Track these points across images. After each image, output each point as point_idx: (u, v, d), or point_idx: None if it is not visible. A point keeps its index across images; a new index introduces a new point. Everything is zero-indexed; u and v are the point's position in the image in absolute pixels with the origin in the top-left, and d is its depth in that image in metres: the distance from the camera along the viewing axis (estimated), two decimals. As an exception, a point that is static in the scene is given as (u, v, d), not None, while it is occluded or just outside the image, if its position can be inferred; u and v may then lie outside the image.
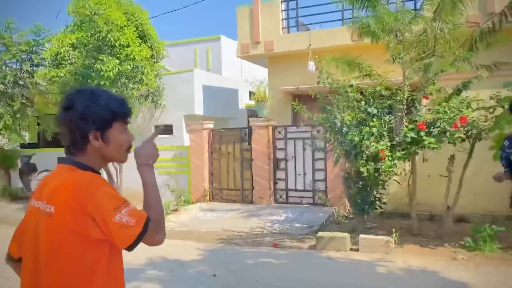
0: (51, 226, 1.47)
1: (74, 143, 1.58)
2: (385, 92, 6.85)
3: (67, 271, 1.45)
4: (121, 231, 1.43)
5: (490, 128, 6.30)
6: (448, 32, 6.97)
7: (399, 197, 8.49)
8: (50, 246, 1.47)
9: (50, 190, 1.51)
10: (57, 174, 1.58)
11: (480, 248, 6.19)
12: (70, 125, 1.56)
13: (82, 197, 1.44)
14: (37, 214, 1.54)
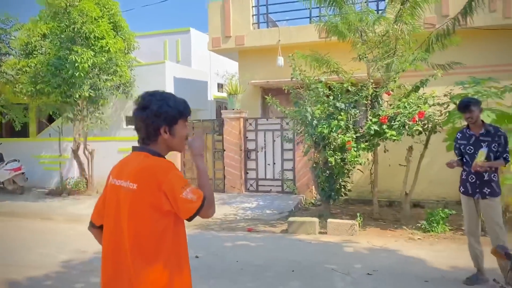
0: (133, 199, 1.87)
1: (149, 135, 1.98)
2: (352, 88, 7.42)
3: (144, 235, 1.86)
4: (186, 205, 1.85)
5: (444, 122, 7.01)
6: (407, 34, 7.62)
7: (362, 185, 9.18)
8: (132, 215, 1.87)
9: (132, 171, 1.91)
10: (135, 159, 1.98)
11: (433, 229, 6.92)
12: (147, 121, 1.95)
13: (159, 177, 1.85)
14: (118, 190, 1.94)
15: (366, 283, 4.74)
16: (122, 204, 1.91)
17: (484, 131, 4.48)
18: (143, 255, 1.85)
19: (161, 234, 1.87)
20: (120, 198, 1.92)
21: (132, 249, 1.86)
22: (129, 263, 1.86)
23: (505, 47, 9.42)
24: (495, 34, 9.30)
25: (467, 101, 4.48)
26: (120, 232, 1.90)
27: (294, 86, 7.88)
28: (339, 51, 8.27)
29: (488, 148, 4.37)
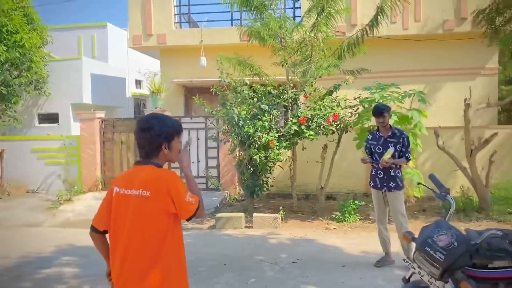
0: (146, 204, 2.22)
1: (152, 151, 2.34)
2: (274, 91, 7.95)
3: (152, 232, 2.23)
4: (187, 207, 2.25)
5: (354, 122, 7.82)
6: (322, 41, 8.34)
7: (282, 180, 9.81)
8: (144, 217, 2.23)
9: (143, 181, 2.25)
10: (142, 171, 2.30)
11: (346, 219, 7.71)
12: (151, 140, 2.32)
13: (168, 185, 2.22)
14: (128, 198, 2.26)
15: (293, 271, 5.26)
16: (133, 209, 2.25)
17: (391, 133, 5.20)
18: (151, 249, 2.23)
19: (164, 233, 2.26)
20: (130, 205, 2.26)
21: (143, 245, 2.24)
22: (139, 257, 2.23)
23: (404, 55, 10.66)
24: (396, 43, 10.47)
25: (381, 108, 5.11)
26: (132, 232, 2.24)
27: (220, 86, 8.18)
28: (261, 54, 8.74)
29: (394, 148, 5.09)
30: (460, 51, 10.40)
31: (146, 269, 2.21)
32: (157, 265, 2.23)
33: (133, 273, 2.23)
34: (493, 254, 2.78)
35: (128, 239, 2.24)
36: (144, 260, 2.22)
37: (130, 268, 2.23)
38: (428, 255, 2.79)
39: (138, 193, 2.24)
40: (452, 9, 10.08)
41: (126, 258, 2.24)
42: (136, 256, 2.23)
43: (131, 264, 2.23)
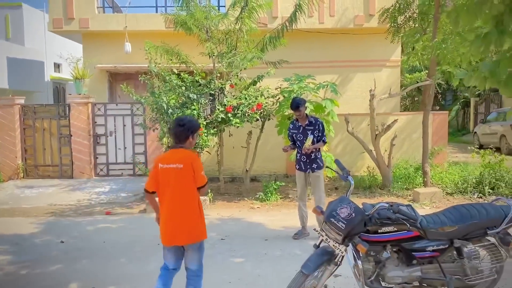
0: (181, 173, 3.59)
1: (183, 140, 3.69)
2: (202, 81, 8.35)
3: (188, 189, 3.62)
4: (201, 178, 3.65)
5: (276, 111, 8.50)
6: (246, 33, 8.86)
7: (209, 165, 10.27)
8: (181, 180, 3.59)
9: (178, 158, 3.61)
10: (177, 152, 3.67)
11: (268, 199, 8.44)
12: (183, 132, 3.67)
13: (191, 161, 3.61)
14: (169, 170, 3.59)
15: (221, 246, 5.84)
16: (174, 176, 3.60)
17: (308, 122, 5.96)
18: (188, 199, 3.64)
19: (193, 189, 3.66)
20: (171, 174, 3.61)
21: (182, 198, 3.63)
22: (181, 205, 3.63)
23: (321, 47, 11.55)
24: (313, 36, 11.31)
25: (297, 103, 5.80)
26: (175, 191, 3.62)
27: (148, 74, 8.36)
28: (188, 42, 9.07)
29: (312, 135, 5.84)
30: (369, 45, 11.52)
31: (186, 211, 3.64)
32: (192, 208, 3.66)
33: (178, 215, 3.62)
34: (382, 222, 3.54)
35: (172, 195, 3.61)
36: (184, 206, 3.63)
37: (176, 212, 3.62)
38: (332, 225, 3.48)
39: (175, 166, 3.60)
40: (362, 5, 11.11)
41: (173, 207, 3.62)
42: (180, 204, 3.63)
43: (177, 209, 3.62)
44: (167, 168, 3.59)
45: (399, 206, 3.48)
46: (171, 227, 3.63)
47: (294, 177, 10.30)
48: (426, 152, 8.95)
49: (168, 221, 3.64)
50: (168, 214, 3.63)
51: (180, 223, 3.60)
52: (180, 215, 3.61)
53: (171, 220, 3.62)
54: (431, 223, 3.61)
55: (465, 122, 25.39)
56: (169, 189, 3.60)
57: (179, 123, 3.68)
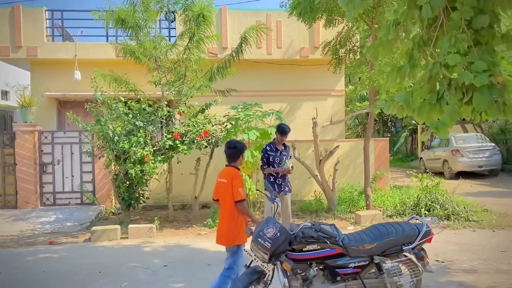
0: (225, 186, 4.43)
1: (235, 159, 4.56)
2: (149, 109, 8.48)
3: (229, 204, 4.42)
4: (237, 194, 4.37)
5: (224, 137, 8.72)
6: (195, 63, 9.13)
7: (159, 192, 10.31)
8: (224, 193, 4.45)
9: (226, 174, 4.46)
10: (226, 169, 4.52)
11: (216, 225, 8.47)
12: (235, 153, 4.53)
13: (232, 177, 4.41)
14: (220, 184, 4.49)
15: (164, 272, 5.87)
16: (222, 189, 4.48)
17: (284, 147, 6.58)
18: (229, 209, 4.42)
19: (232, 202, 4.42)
20: (220, 187, 4.51)
21: (225, 207, 4.47)
22: (224, 213, 4.49)
23: (269, 77, 11.99)
24: (262, 66, 11.75)
25: (286, 128, 6.46)
26: (223, 202, 4.49)
27: (94, 103, 8.40)
28: (138, 70, 9.22)
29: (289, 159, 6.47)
30: (315, 75, 12.08)
31: (227, 218, 4.45)
32: (231, 217, 4.43)
33: (222, 220, 4.53)
34: (306, 240, 3.76)
35: (221, 204, 4.51)
36: (226, 214, 4.45)
37: (222, 218, 4.53)
38: (259, 244, 3.66)
39: (223, 181, 4.47)
40: (307, 38, 11.70)
41: (221, 214, 4.54)
42: (223, 212, 4.49)
43: (222, 216, 4.52)
44: (220, 182, 4.52)
45: (320, 225, 3.72)
46: (218, 230, 4.58)
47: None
48: (368, 177, 9.40)
49: (218, 224, 4.65)
50: (219, 219, 4.63)
51: (222, 227, 4.51)
52: (222, 221, 4.52)
53: (219, 224, 4.61)
54: (352, 241, 3.87)
55: (413, 148, 26.60)
56: (221, 198, 4.54)
57: (230, 146, 4.56)
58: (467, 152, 15.93)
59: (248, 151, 8.38)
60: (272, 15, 11.50)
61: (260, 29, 9.02)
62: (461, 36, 3.80)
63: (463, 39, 3.78)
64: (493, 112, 3.82)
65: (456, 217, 8.49)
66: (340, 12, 9.24)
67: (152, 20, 9.38)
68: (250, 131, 8.40)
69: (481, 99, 3.82)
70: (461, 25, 3.83)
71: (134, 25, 8.96)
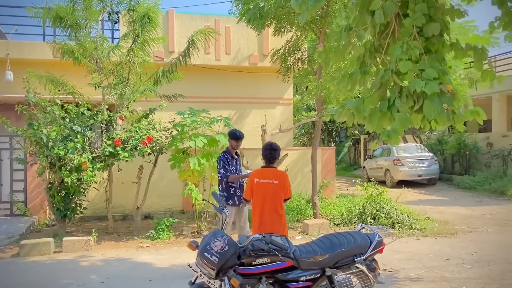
0: (276, 187, 4.69)
1: (274, 160, 4.81)
2: (88, 112, 7.93)
3: (279, 201, 4.72)
4: (289, 193, 4.83)
5: (169, 144, 8.33)
6: (139, 66, 8.70)
7: (98, 202, 9.68)
8: (275, 194, 4.69)
9: (274, 175, 4.71)
10: (271, 170, 4.78)
11: (160, 237, 8.09)
12: (276, 155, 4.81)
13: (285, 179, 4.74)
14: (264, 185, 4.68)
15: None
16: (268, 190, 4.67)
17: (236, 155, 6.25)
18: (277, 210, 4.69)
19: (282, 199, 4.76)
20: (266, 188, 4.67)
21: (272, 208, 4.67)
22: (271, 215, 4.65)
23: (217, 83, 11.75)
24: (210, 71, 11.49)
25: (239, 134, 6.09)
26: (266, 201, 4.66)
27: (26, 105, 7.75)
28: (76, 72, 8.64)
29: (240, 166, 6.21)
30: (264, 83, 11.99)
31: (275, 217, 4.67)
32: (280, 215, 4.71)
33: (269, 220, 4.64)
34: (256, 253, 3.53)
35: (263, 204, 4.65)
36: (274, 213, 4.66)
37: (267, 218, 4.64)
38: (206, 259, 3.38)
39: (271, 182, 4.66)
40: (256, 45, 11.60)
41: (263, 214, 4.65)
42: (270, 212, 4.64)
43: (267, 216, 4.64)
44: (263, 183, 4.67)
45: (271, 237, 3.50)
46: (264, 229, 4.53)
47: (190, 213, 10.17)
48: (315, 185, 9.36)
49: (261, 224, 4.65)
50: (262, 219, 4.65)
51: (271, 226, 4.60)
52: (271, 220, 4.65)
53: (264, 223, 4.64)
54: (304, 253, 3.69)
55: (356, 158, 27.34)
56: (260, 199, 4.66)
57: (273, 148, 4.80)
58: (408, 161, 16.53)
59: (195, 159, 8.07)
60: (221, 21, 11.29)
61: (208, 33, 8.77)
62: (413, 43, 3.77)
63: (415, 46, 3.76)
64: (443, 121, 3.82)
65: (401, 225, 8.64)
66: (289, 20, 9.21)
67: (94, 20, 8.88)
68: (197, 137, 8.07)
69: (432, 107, 3.81)
70: (413, 32, 3.81)
71: (74, 23, 8.42)
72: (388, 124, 4.35)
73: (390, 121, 4.30)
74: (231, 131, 6.20)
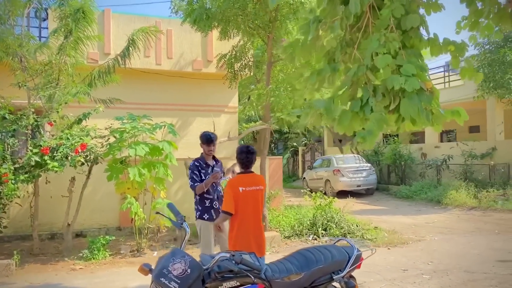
0: (262, 194, 4.30)
1: (251, 165, 4.28)
2: (10, 116, 6.91)
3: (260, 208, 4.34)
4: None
5: (105, 153, 7.48)
6: (71, 66, 7.80)
7: (21, 220, 8.51)
8: (261, 201, 4.31)
9: (258, 181, 4.31)
10: (253, 176, 4.31)
11: (95, 257, 7.19)
12: (253, 158, 4.30)
13: (264, 181, 4.39)
14: (252, 193, 4.17)
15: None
16: (256, 198, 4.24)
17: (215, 162, 5.22)
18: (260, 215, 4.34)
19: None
20: (255, 195, 4.23)
21: (259, 220, 4.31)
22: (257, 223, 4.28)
23: (158, 88, 11.00)
24: (150, 76, 10.73)
25: (210, 136, 5.07)
26: (256, 212, 4.26)
27: None
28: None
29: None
30: (208, 90, 11.41)
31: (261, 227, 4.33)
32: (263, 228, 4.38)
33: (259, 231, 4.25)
34: (223, 276, 2.97)
35: (253, 216, 4.21)
36: (259, 221, 4.29)
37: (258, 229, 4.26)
38: (163, 286, 2.77)
39: (258, 188, 4.23)
40: (200, 50, 11.02)
41: (256, 224, 4.23)
42: (259, 221, 4.29)
43: (258, 226, 4.27)
44: (249, 191, 4.15)
45: (241, 256, 2.96)
46: (257, 242, 4.18)
47: (127, 229, 9.28)
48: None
49: (252, 237, 4.16)
50: (252, 231, 4.18)
51: (261, 238, 4.26)
52: (260, 231, 4.26)
53: (255, 236, 4.19)
54: (276, 272, 3.19)
55: (295, 169, 27.47)
56: (249, 209, 4.16)
57: (250, 151, 4.28)
58: (347, 172, 16.71)
59: (135, 169, 7.30)
60: (162, 23, 10.60)
61: (150, 32, 8.09)
62: (391, 36, 3.43)
63: (394, 38, 3.43)
64: (422, 121, 3.50)
65: (352, 236, 8.43)
66: (237, 23, 8.78)
67: (18, 14, 7.88)
68: (138, 145, 7.32)
69: (410, 106, 3.48)
70: (390, 24, 3.50)
71: (-6, 15, 7.38)
72: (360, 125, 3.99)
73: (362, 122, 3.95)
74: (202, 134, 5.16)
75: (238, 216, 4.15)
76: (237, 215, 4.15)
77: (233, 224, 4.21)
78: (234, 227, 4.18)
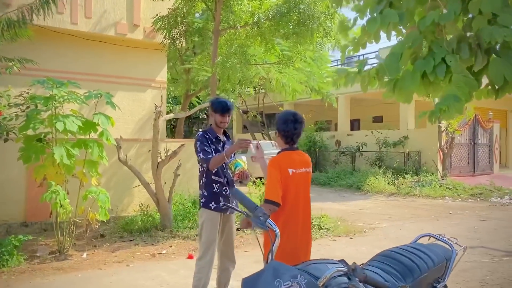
0: (309, 177, 3.19)
1: (298, 138, 3.18)
2: None
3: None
4: None
5: (21, 126, 5.66)
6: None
7: None
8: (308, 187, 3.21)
9: (306, 162, 3.18)
10: (300, 155, 3.18)
11: (6, 264, 5.42)
12: (302, 130, 3.18)
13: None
14: (302, 176, 3.09)
15: None
16: (307, 184, 3.16)
17: (226, 137, 4.01)
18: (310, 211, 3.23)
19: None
20: (306, 180, 3.14)
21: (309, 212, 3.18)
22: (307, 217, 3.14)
23: (74, 54, 9.09)
24: (65, 39, 8.79)
25: (229, 104, 3.84)
26: (307, 202, 3.15)
27: None
28: None
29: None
30: (133, 60, 9.77)
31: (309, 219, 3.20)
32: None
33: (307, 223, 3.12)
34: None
35: (304, 204, 3.09)
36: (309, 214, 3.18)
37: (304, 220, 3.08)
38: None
39: (308, 170, 3.17)
40: (124, 12, 9.33)
41: (304, 216, 3.08)
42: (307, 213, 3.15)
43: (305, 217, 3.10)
44: (300, 173, 3.07)
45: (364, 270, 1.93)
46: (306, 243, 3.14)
47: (36, 225, 7.41)
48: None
49: (300, 238, 3.06)
50: (300, 229, 3.05)
51: (309, 238, 3.19)
52: (309, 229, 3.18)
53: (304, 234, 3.09)
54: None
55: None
56: (301, 197, 3.09)
57: (298, 119, 3.13)
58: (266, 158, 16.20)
59: (62, 149, 5.66)
60: (79, -27, 8.69)
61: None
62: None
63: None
64: (516, 85, 2.89)
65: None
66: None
67: None
68: (67, 118, 5.67)
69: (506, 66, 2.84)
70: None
71: None
72: (426, 91, 3.25)
73: (434, 86, 3.21)
74: (216, 100, 3.94)
75: (285, 208, 2.98)
76: (284, 207, 2.97)
77: (276, 220, 2.79)
78: (278, 223, 2.74)
